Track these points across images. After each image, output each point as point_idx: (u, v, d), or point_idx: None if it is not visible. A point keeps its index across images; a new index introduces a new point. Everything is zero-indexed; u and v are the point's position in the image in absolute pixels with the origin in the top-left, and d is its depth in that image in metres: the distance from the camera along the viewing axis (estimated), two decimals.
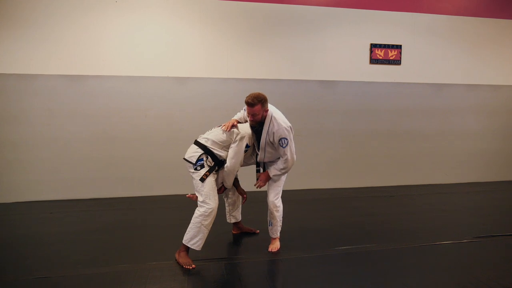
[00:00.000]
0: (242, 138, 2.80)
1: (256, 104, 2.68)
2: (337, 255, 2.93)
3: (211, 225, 2.76)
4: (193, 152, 2.87)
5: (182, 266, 2.66)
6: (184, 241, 2.73)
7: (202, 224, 2.70)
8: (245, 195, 3.14)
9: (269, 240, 3.08)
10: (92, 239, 3.25)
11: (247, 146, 2.87)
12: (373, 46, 5.39)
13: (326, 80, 5.30)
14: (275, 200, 2.95)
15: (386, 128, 5.56)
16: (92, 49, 4.56)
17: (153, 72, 4.75)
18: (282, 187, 3.01)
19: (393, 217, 3.97)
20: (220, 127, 2.98)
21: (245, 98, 2.72)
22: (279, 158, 2.94)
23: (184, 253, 2.74)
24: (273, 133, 2.78)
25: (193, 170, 2.83)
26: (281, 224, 3.05)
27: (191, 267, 2.64)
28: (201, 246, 2.73)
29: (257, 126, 2.81)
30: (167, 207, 4.34)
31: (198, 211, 2.73)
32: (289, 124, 2.86)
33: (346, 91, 5.39)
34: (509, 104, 5.97)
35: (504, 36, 5.84)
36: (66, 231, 3.46)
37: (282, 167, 2.91)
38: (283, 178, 3.01)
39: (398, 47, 5.48)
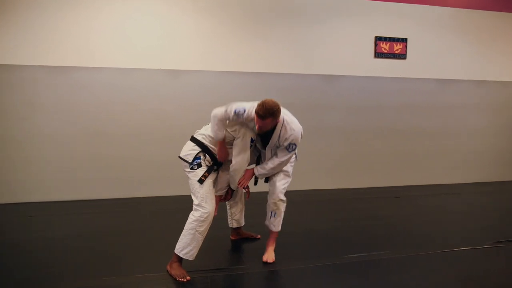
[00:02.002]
0: (246, 133, 2.52)
1: (268, 118, 2.36)
2: (345, 264, 2.65)
3: (206, 232, 2.46)
4: (190, 150, 2.57)
5: (175, 279, 2.35)
6: (176, 251, 2.43)
7: (197, 231, 2.40)
8: (248, 190, 2.82)
9: None
10: (74, 247, 2.93)
11: (252, 140, 2.58)
12: (378, 39, 5.12)
13: (328, 75, 5.01)
14: (282, 189, 2.68)
15: (390, 126, 5.29)
16: (78, 39, 4.21)
17: (144, 64, 4.42)
18: (291, 176, 2.75)
19: (401, 220, 3.71)
20: None
21: (257, 107, 2.36)
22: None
23: (176, 264, 2.44)
24: (286, 138, 2.50)
25: (189, 170, 2.53)
26: (283, 216, 2.77)
27: (185, 280, 2.34)
28: (194, 255, 2.43)
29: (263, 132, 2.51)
30: (160, 210, 4.03)
31: (192, 216, 2.43)
32: (301, 128, 2.58)
33: (349, 86, 5.10)
34: None
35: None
36: (46, 237, 3.13)
37: (272, 166, 2.63)
38: (291, 169, 2.75)
39: (404, 40, 5.21)
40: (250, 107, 2.45)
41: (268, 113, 2.33)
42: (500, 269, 2.61)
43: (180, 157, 2.60)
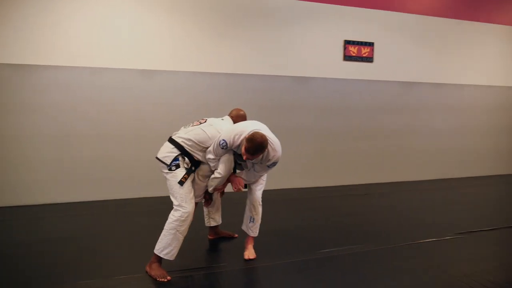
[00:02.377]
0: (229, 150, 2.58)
1: (258, 154, 2.39)
2: (322, 259, 2.75)
3: (186, 232, 2.48)
4: (168, 152, 2.57)
5: (156, 279, 2.34)
6: (156, 251, 2.42)
7: (178, 231, 2.41)
8: (223, 190, 2.86)
9: None
10: (46, 251, 2.83)
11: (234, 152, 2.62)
12: (347, 42, 5.32)
13: (300, 76, 5.15)
14: (259, 194, 2.75)
15: (359, 126, 5.52)
16: (50, 38, 4.05)
17: (116, 63, 4.33)
18: (266, 180, 2.83)
19: (372, 216, 3.89)
20: (199, 124, 2.70)
21: (247, 138, 2.36)
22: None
23: (156, 265, 2.43)
24: (269, 159, 2.52)
25: (167, 171, 2.53)
26: (260, 221, 2.83)
27: (166, 280, 2.34)
28: (175, 255, 2.43)
29: None
30: (133, 211, 3.97)
31: (173, 216, 2.44)
32: (280, 144, 2.59)
33: (320, 87, 5.27)
34: (473, 102, 6.18)
35: (469, 37, 6.03)
36: (15, 243, 2.99)
37: (250, 178, 2.69)
38: (266, 175, 2.79)
39: (371, 44, 5.46)
40: (228, 135, 2.48)
41: (259, 150, 2.35)
42: (462, 258, 2.82)
43: (157, 158, 2.59)
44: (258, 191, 2.75)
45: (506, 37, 6.31)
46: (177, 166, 2.52)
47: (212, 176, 2.62)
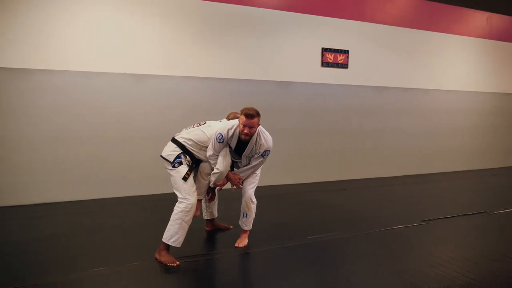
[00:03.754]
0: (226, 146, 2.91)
1: (256, 116, 2.76)
2: (309, 244, 3.13)
3: (191, 221, 2.78)
4: (171, 151, 2.86)
5: (166, 264, 2.63)
6: (164, 239, 2.71)
7: (183, 220, 2.71)
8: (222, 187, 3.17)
9: None
10: (55, 245, 3.04)
11: (230, 147, 2.94)
12: (324, 50, 5.77)
13: (282, 81, 5.54)
14: (252, 192, 3.06)
15: (335, 127, 5.97)
16: (41, 41, 4.21)
17: (108, 68, 4.54)
18: (258, 179, 3.14)
19: (348, 208, 4.32)
20: (199, 126, 3.01)
21: (242, 110, 2.77)
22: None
23: (165, 252, 2.71)
24: (261, 145, 2.89)
25: (171, 168, 2.82)
26: (254, 216, 3.15)
27: (175, 264, 2.63)
28: (181, 242, 2.73)
29: (248, 139, 2.85)
30: (129, 209, 4.21)
31: (178, 207, 2.73)
32: None
33: (300, 91, 5.68)
34: (437, 106, 6.80)
35: (432, 46, 6.66)
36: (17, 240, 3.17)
37: (247, 171, 3.01)
38: (259, 171, 3.13)
39: (346, 52, 5.93)
40: (223, 129, 2.85)
41: (255, 112, 2.75)
42: (428, 242, 3.28)
43: (162, 157, 2.89)
44: (250, 190, 3.07)
45: (464, 47, 7.00)
46: (180, 163, 2.82)
47: (212, 172, 2.93)
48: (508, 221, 3.89)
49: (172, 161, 2.82)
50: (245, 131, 2.77)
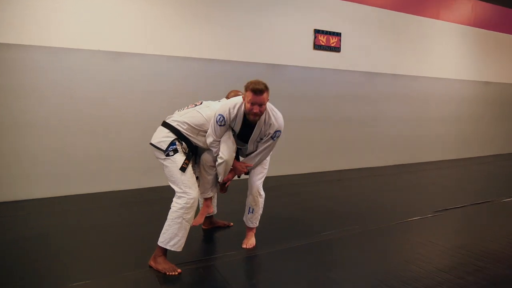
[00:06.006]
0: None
1: (265, 91, 2.28)
2: (325, 241, 2.75)
3: (192, 220, 2.32)
4: (164, 137, 2.36)
5: (165, 273, 2.15)
6: (161, 243, 2.22)
7: (184, 219, 2.23)
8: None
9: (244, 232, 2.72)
10: (19, 252, 2.46)
11: (233, 130, 2.49)
12: (317, 31, 5.40)
13: (272, 64, 5.11)
14: (260, 184, 2.62)
15: (327, 114, 5.64)
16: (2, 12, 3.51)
17: (79, 43, 3.90)
18: (267, 168, 2.69)
19: (352, 200, 4.00)
20: (194, 106, 2.53)
21: (247, 85, 2.29)
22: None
23: (162, 258, 2.23)
24: (270, 125, 2.41)
25: (164, 157, 2.32)
26: (261, 212, 2.72)
27: (176, 273, 2.16)
28: (182, 246, 2.26)
29: (258, 119, 2.38)
30: (103, 206, 3.63)
31: (177, 204, 2.25)
32: None
33: (291, 75, 5.29)
34: (426, 92, 6.66)
35: (423, 33, 6.48)
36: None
37: (256, 158, 2.55)
38: (268, 159, 2.69)
39: (338, 34, 5.60)
40: (223, 109, 2.37)
41: (264, 85, 2.28)
42: (447, 232, 3.02)
43: (152, 144, 2.38)
44: (258, 181, 2.61)
45: (452, 34, 6.90)
46: (175, 151, 2.33)
47: (216, 163, 2.47)
48: None
49: (165, 149, 2.32)
50: (254, 110, 2.29)
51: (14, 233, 2.84)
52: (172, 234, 2.21)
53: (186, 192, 2.26)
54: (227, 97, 2.79)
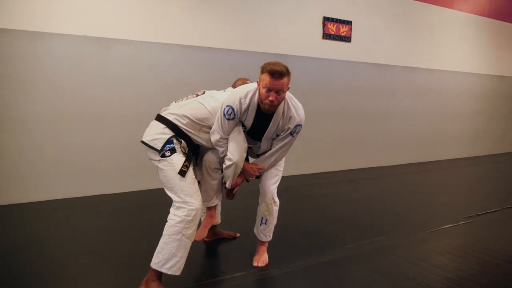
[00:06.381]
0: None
1: (285, 75, 1.84)
2: (355, 255, 2.33)
3: (194, 236, 1.87)
4: (158, 134, 1.91)
5: None
6: (154, 265, 1.78)
7: (184, 235, 1.79)
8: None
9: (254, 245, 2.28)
10: None
11: (243, 125, 2.04)
12: (326, 19, 4.95)
13: (279, 54, 4.66)
14: (274, 189, 2.17)
15: (335, 108, 5.21)
16: None
17: (61, 28, 3.43)
18: (282, 171, 2.24)
19: (370, 204, 3.56)
20: (195, 96, 2.09)
21: (264, 66, 1.85)
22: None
23: (156, 284, 1.79)
24: (290, 118, 1.98)
25: (158, 158, 1.87)
26: (275, 222, 2.28)
27: None
28: (181, 268, 1.81)
29: (274, 110, 1.94)
30: (83, 212, 3.18)
31: (175, 217, 1.80)
32: None
33: (297, 66, 4.83)
34: (440, 86, 6.24)
35: (436, 22, 6.06)
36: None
37: (271, 158, 2.12)
38: (283, 161, 2.25)
39: (349, 23, 5.16)
40: (232, 100, 1.93)
41: (285, 68, 1.84)
42: (487, 238, 2.61)
43: (143, 142, 1.93)
44: (272, 185, 2.16)
45: (466, 24, 6.48)
46: (172, 151, 1.88)
47: (224, 165, 2.03)
48: None
49: (160, 148, 1.87)
50: (270, 98, 1.84)
51: None
52: (169, 254, 1.77)
53: (187, 201, 1.82)
54: (233, 86, 2.35)
